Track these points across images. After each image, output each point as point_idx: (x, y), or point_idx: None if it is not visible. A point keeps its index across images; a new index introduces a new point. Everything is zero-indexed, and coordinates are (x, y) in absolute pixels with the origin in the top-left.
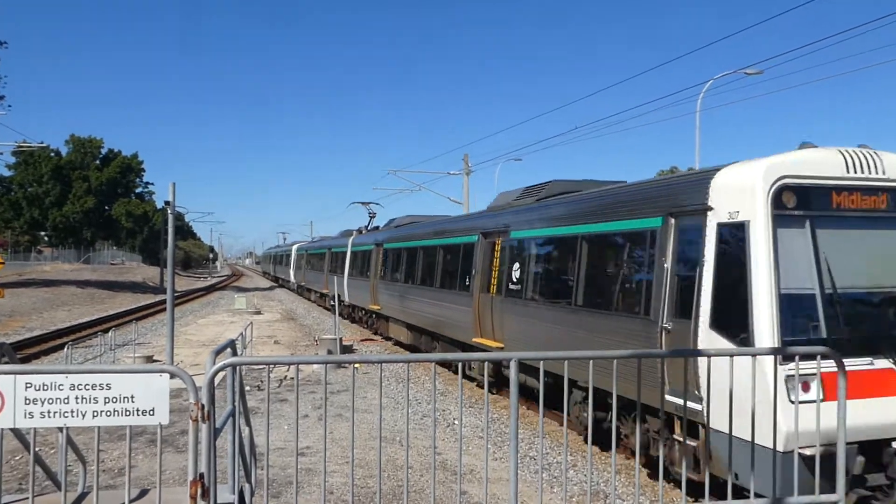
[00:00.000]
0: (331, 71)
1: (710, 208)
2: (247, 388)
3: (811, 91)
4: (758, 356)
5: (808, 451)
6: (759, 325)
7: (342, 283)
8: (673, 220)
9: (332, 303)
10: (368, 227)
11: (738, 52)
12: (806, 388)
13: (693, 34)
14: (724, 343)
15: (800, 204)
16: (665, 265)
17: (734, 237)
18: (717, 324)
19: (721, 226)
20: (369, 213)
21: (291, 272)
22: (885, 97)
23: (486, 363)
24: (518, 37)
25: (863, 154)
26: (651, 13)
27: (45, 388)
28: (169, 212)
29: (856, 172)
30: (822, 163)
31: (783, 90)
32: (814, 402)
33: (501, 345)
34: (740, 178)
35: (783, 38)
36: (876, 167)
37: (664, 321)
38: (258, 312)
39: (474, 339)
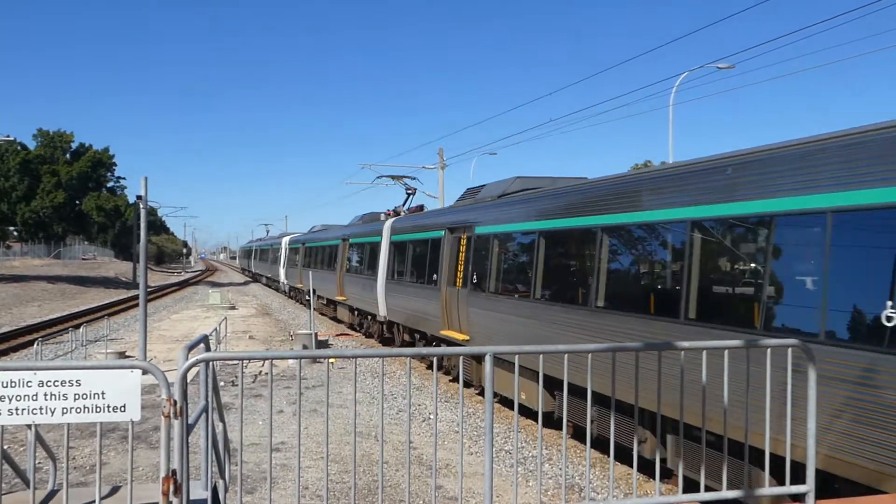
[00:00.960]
0: (302, 65)
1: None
2: (221, 383)
3: (781, 85)
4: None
5: None
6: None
7: (374, 289)
8: None
9: (304, 299)
10: (408, 207)
11: (710, 47)
12: None
13: (666, 28)
14: None
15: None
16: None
17: None
18: None
19: None
20: (407, 190)
21: (281, 271)
22: (857, 91)
23: (461, 357)
24: (491, 30)
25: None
26: (625, 6)
27: (13, 384)
28: (141, 206)
29: None
30: None
31: (754, 84)
32: None
33: None
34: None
35: (753, 33)
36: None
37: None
38: (233, 308)
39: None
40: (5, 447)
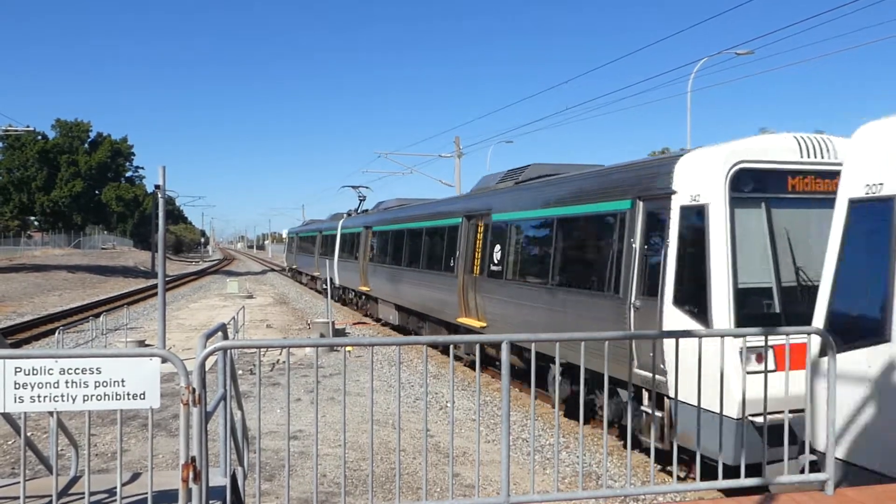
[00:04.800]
0: (321, 53)
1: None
2: (239, 372)
3: (801, 71)
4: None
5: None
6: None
7: None
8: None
9: (323, 286)
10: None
11: (729, 33)
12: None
13: (684, 14)
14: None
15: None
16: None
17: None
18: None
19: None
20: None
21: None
22: (874, 76)
23: (476, 345)
24: (508, 17)
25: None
26: None
27: (35, 372)
28: (159, 195)
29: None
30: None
31: (773, 70)
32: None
33: None
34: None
35: (773, 17)
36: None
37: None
38: (250, 296)
39: None
40: (28, 434)
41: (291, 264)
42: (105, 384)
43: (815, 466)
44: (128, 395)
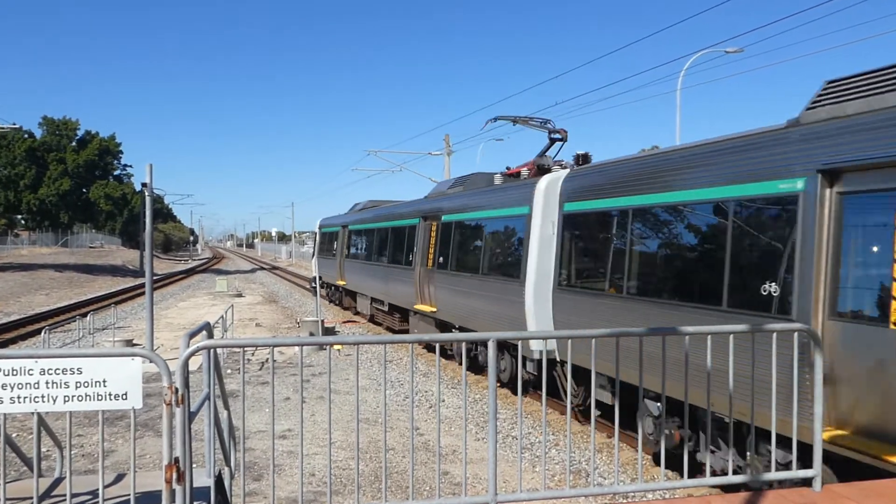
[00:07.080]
0: (312, 51)
1: None
2: (228, 371)
3: (790, 68)
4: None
5: None
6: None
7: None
8: None
9: (312, 284)
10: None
11: (720, 29)
12: None
13: (674, 10)
14: None
15: None
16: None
17: None
18: None
19: None
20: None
21: None
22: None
23: (464, 343)
24: (497, 13)
25: None
26: None
27: (15, 372)
28: (146, 194)
29: None
30: None
31: (763, 67)
32: None
33: None
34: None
35: (765, 13)
36: None
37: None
38: (240, 295)
39: None
40: (13, 435)
41: (333, 278)
42: (86, 384)
43: (803, 462)
44: (109, 395)
